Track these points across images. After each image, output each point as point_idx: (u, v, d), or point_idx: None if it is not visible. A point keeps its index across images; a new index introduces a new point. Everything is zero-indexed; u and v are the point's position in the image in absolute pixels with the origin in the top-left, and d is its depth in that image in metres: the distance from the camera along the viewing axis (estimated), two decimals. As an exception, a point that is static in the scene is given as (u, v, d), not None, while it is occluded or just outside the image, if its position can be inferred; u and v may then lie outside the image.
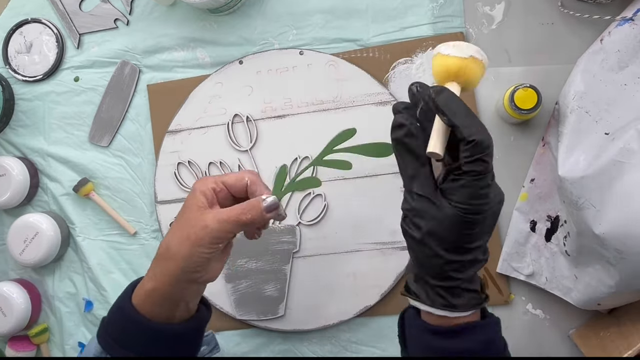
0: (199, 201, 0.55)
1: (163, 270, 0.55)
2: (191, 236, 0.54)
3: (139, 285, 0.56)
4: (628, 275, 0.58)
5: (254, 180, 0.57)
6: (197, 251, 0.54)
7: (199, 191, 0.55)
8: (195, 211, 0.55)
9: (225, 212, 0.55)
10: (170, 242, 0.55)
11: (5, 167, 0.78)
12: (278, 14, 0.77)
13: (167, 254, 0.55)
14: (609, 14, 0.66)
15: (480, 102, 0.73)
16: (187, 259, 0.54)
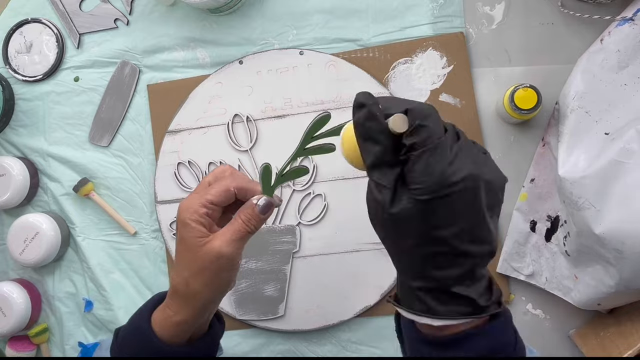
0: (198, 232, 0.52)
1: (189, 305, 0.53)
2: (209, 269, 0.52)
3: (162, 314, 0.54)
4: (628, 275, 0.58)
5: (238, 186, 0.55)
6: (221, 278, 0.53)
7: (193, 222, 0.52)
8: (199, 244, 0.52)
9: (230, 232, 0.53)
10: (189, 279, 0.52)
11: (5, 167, 0.78)
12: (278, 14, 0.77)
13: (189, 291, 0.53)
14: (609, 14, 0.66)
15: (480, 102, 0.73)
16: (211, 296, 0.53)
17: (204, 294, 0.53)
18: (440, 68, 0.73)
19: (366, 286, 0.74)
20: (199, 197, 0.53)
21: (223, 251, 0.52)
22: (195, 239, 0.52)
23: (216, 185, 0.54)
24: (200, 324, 0.56)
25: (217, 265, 0.52)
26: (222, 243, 0.52)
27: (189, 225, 0.52)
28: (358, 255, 0.74)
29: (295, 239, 0.75)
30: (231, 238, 0.52)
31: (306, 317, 0.75)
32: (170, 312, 0.54)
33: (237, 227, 0.53)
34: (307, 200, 0.75)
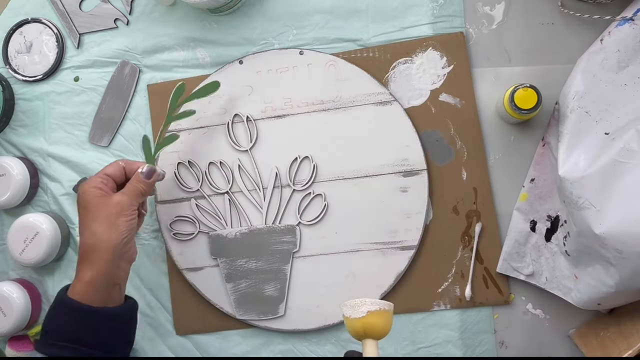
0: (97, 193, 0.65)
1: (97, 259, 0.62)
2: (111, 217, 0.63)
3: (74, 283, 0.63)
4: (628, 275, 0.58)
5: (127, 161, 0.70)
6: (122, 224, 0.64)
7: (92, 188, 0.65)
8: (99, 202, 0.64)
9: (124, 190, 0.67)
10: (96, 229, 0.63)
11: (5, 167, 0.78)
12: (278, 14, 0.77)
13: (96, 244, 0.62)
14: (609, 14, 0.66)
15: (480, 102, 0.73)
16: (116, 238, 0.63)
17: (111, 240, 0.63)
18: (440, 68, 0.73)
19: (366, 286, 0.74)
20: (97, 174, 0.67)
21: (119, 200, 0.65)
22: (96, 198, 0.64)
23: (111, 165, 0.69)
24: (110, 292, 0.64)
25: (117, 209, 0.64)
26: (119, 195, 0.66)
27: (89, 192, 0.65)
28: (358, 255, 0.74)
29: (295, 239, 0.75)
30: (125, 192, 0.66)
31: (306, 317, 0.75)
32: (81, 274, 0.62)
33: (129, 186, 0.67)
34: (307, 200, 0.75)
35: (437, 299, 0.73)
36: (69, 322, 0.62)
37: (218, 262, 0.77)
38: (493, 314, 0.72)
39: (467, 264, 0.72)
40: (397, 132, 0.73)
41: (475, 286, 0.72)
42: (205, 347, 0.78)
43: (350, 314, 0.54)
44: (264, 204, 0.76)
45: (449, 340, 0.72)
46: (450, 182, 0.73)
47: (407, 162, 0.73)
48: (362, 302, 0.54)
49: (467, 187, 0.72)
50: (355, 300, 0.54)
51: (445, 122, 0.73)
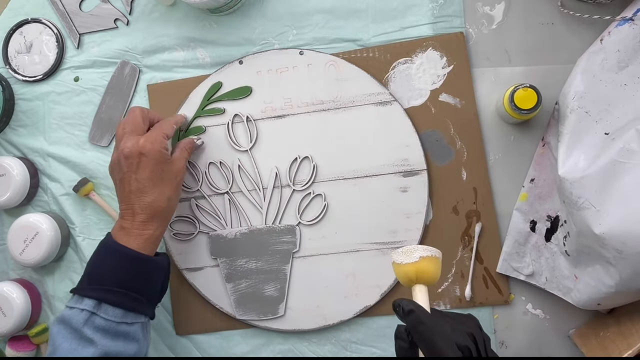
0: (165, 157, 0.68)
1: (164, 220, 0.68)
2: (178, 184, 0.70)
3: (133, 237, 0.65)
4: (628, 275, 0.58)
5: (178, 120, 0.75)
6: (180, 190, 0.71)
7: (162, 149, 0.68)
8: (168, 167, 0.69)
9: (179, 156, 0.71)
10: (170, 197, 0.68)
11: (5, 167, 0.78)
12: (278, 14, 0.77)
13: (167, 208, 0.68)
14: (609, 14, 0.66)
15: (480, 102, 0.73)
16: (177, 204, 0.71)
17: (176, 205, 0.70)
18: (440, 68, 0.73)
19: (366, 286, 0.74)
20: (157, 133, 0.68)
21: (181, 166, 0.70)
22: (166, 162, 0.68)
23: (164, 123, 0.71)
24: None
25: (180, 176, 0.70)
26: (180, 161, 0.70)
27: (162, 154, 0.67)
28: (358, 255, 0.74)
29: (295, 239, 0.75)
30: (181, 159, 0.71)
31: (306, 317, 0.75)
32: (145, 230, 0.66)
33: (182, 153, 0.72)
34: (307, 200, 0.75)
35: (437, 299, 0.73)
36: (126, 269, 0.64)
37: (218, 262, 0.77)
38: (493, 314, 0.72)
39: (467, 264, 0.72)
40: (397, 132, 0.73)
41: (475, 286, 0.72)
42: (205, 347, 0.78)
43: (403, 259, 0.54)
44: (264, 204, 0.76)
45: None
46: (450, 182, 0.73)
47: (407, 162, 0.73)
48: (415, 248, 0.54)
49: (467, 187, 0.72)
50: (406, 247, 0.55)
51: (445, 122, 0.73)
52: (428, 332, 0.49)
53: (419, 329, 0.49)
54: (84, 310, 0.63)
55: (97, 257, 0.66)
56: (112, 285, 0.64)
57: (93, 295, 0.63)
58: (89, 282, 0.65)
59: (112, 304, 0.63)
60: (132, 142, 0.66)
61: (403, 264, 0.54)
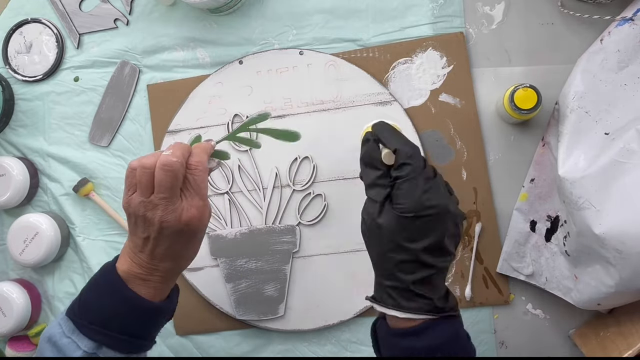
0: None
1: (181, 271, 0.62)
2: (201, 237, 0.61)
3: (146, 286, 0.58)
4: (628, 275, 0.58)
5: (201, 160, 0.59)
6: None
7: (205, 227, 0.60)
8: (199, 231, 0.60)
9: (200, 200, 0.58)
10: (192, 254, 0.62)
11: (5, 167, 0.78)
12: (278, 14, 0.77)
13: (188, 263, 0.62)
14: (609, 14, 0.66)
15: (480, 102, 0.73)
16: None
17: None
18: (440, 68, 0.73)
19: (366, 286, 0.73)
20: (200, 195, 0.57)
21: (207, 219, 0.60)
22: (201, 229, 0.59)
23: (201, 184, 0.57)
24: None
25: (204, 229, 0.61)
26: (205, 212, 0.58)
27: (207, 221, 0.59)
28: (358, 255, 0.74)
29: (295, 239, 0.75)
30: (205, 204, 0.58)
31: (306, 317, 0.75)
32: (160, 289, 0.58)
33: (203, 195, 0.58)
34: (307, 200, 0.75)
35: (437, 299, 0.73)
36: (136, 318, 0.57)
37: (218, 262, 0.77)
38: (493, 314, 0.72)
39: (467, 264, 0.72)
40: (397, 132, 0.73)
41: (475, 286, 0.72)
42: (205, 347, 0.78)
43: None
44: (264, 204, 0.76)
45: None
46: (450, 182, 0.72)
47: (407, 162, 0.73)
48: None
49: (467, 187, 0.72)
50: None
51: (445, 122, 0.73)
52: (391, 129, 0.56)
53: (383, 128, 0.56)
54: (81, 349, 0.56)
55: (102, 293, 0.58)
56: (116, 331, 0.57)
57: (95, 337, 0.56)
58: (90, 319, 0.57)
59: (114, 349, 0.57)
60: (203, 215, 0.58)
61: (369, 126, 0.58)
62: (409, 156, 0.52)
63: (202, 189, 0.57)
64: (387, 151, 0.54)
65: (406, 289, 0.51)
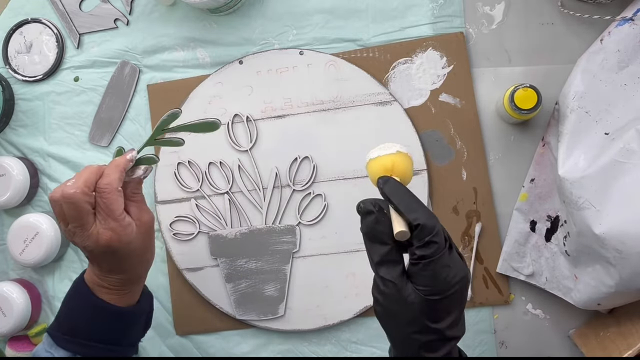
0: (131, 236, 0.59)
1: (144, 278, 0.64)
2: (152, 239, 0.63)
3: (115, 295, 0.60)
4: (628, 275, 0.58)
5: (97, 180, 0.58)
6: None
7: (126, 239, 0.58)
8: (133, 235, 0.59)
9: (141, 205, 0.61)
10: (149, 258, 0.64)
11: (5, 167, 0.78)
12: (278, 14, 0.77)
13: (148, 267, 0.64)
14: (609, 14, 0.66)
15: (480, 102, 0.73)
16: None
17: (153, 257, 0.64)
18: (440, 68, 0.73)
19: (366, 286, 0.73)
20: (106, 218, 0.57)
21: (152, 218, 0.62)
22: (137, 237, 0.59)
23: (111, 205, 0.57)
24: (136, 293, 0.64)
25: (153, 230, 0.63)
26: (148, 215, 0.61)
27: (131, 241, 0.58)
28: (358, 255, 0.74)
29: (295, 239, 0.75)
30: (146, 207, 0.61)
31: (306, 317, 0.75)
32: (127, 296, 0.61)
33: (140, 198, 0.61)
34: (307, 200, 0.75)
35: (437, 299, 0.73)
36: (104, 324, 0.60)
37: (218, 262, 0.77)
38: (493, 314, 0.72)
39: (467, 264, 0.72)
40: (397, 132, 0.73)
41: (475, 286, 0.72)
42: (205, 347, 0.78)
43: (381, 153, 0.53)
44: (264, 204, 0.76)
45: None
46: (450, 182, 0.73)
47: (407, 162, 0.73)
48: (393, 144, 0.54)
49: (467, 187, 0.72)
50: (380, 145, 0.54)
51: (445, 122, 0.73)
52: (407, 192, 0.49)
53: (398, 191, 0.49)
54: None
55: (71, 303, 0.61)
56: (87, 339, 0.59)
57: (68, 347, 0.59)
58: (64, 330, 0.60)
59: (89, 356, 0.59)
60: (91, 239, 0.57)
61: (381, 156, 0.53)
62: (435, 232, 0.47)
63: (113, 210, 0.56)
64: (403, 230, 0.47)
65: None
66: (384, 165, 0.53)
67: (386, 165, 0.53)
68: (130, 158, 0.59)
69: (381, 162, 0.53)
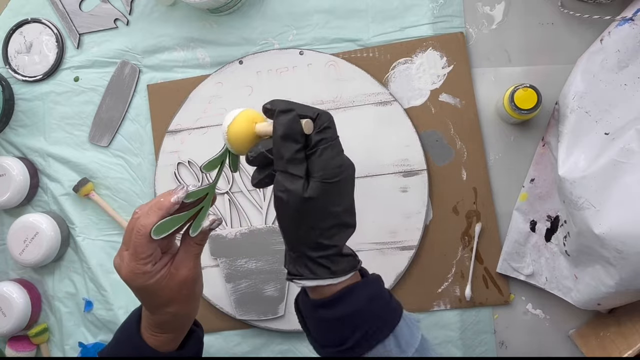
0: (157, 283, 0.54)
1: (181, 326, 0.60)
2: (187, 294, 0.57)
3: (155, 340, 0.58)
4: (628, 275, 0.58)
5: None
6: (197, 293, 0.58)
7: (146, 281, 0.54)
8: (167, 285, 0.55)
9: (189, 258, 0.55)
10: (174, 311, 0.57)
11: (5, 167, 0.78)
12: (278, 14, 0.77)
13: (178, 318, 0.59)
14: (609, 14, 0.66)
15: (480, 102, 0.73)
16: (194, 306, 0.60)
17: (190, 311, 0.59)
18: (440, 68, 0.73)
19: (366, 286, 0.73)
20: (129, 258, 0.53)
21: (190, 276, 0.55)
22: (159, 286, 0.54)
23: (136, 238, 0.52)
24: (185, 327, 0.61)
25: (192, 287, 0.56)
26: (187, 271, 0.55)
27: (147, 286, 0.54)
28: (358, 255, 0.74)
29: (295, 239, 0.75)
30: (193, 263, 0.55)
31: (306, 317, 0.75)
32: (163, 338, 0.58)
33: (193, 250, 0.55)
34: (307, 200, 0.75)
35: (437, 299, 0.73)
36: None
37: (218, 262, 0.77)
38: (493, 314, 0.72)
39: (467, 264, 0.72)
40: (397, 132, 0.73)
41: (475, 286, 0.72)
42: (205, 347, 0.78)
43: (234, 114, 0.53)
44: (264, 204, 0.76)
45: (449, 341, 0.72)
46: (450, 182, 0.73)
47: (407, 162, 0.73)
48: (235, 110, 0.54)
49: (467, 187, 0.72)
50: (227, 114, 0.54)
51: (445, 122, 0.73)
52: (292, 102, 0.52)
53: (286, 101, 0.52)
54: None
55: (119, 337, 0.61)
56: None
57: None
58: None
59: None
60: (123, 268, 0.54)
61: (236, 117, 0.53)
62: (330, 120, 0.51)
63: (138, 253, 0.52)
64: (306, 120, 0.50)
65: (334, 254, 0.51)
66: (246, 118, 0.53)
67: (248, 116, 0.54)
68: (175, 201, 0.53)
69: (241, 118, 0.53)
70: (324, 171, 0.49)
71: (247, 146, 0.53)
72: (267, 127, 0.52)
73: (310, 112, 0.51)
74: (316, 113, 0.50)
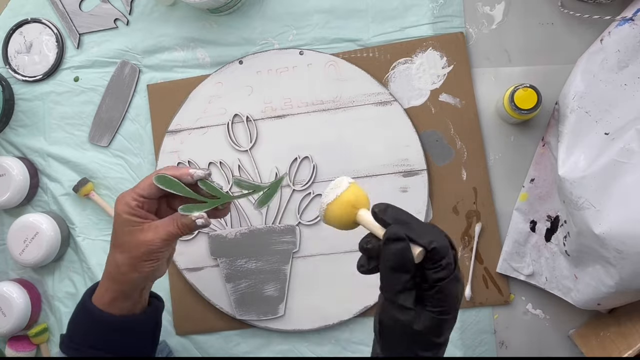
0: (130, 223, 0.59)
1: (118, 284, 0.61)
2: (139, 257, 0.59)
3: (98, 296, 0.62)
4: (628, 275, 0.58)
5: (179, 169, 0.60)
6: (146, 267, 0.60)
7: (125, 214, 0.59)
8: (131, 233, 0.59)
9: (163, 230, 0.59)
10: (120, 266, 0.60)
11: (5, 167, 0.78)
12: (278, 14, 0.77)
13: (119, 273, 0.60)
14: (609, 14, 0.66)
15: (480, 102, 0.73)
16: (137, 277, 0.60)
17: (132, 277, 0.60)
18: (440, 68, 0.73)
19: (366, 286, 0.73)
20: (132, 190, 0.60)
21: (153, 245, 0.59)
22: (128, 228, 0.59)
23: (145, 179, 0.60)
24: (135, 302, 0.62)
25: (147, 255, 0.59)
26: (153, 238, 0.59)
27: (121, 217, 0.59)
28: (358, 255, 0.73)
29: (295, 239, 0.75)
30: (162, 237, 0.59)
31: (306, 317, 0.75)
32: (102, 290, 0.61)
33: (171, 229, 0.59)
34: (307, 200, 0.75)
35: (437, 299, 0.73)
36: (92, 330, 0.61)
37: (218, 262, 0.77)
38: (493, 314, 0.72)
39: (467, 264, 0.72)
40: (397, 132, 0.73)
41: (475, 286, 0.72)
42: (205, 347, 0.78)
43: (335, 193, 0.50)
44: (264, 204, 0.76)
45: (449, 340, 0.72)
46: (450, 182, 0.73)
47: (407, 162, 0.73)
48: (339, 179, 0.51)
49: (467, 187, 0.72)
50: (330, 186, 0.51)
51: (445, 122, 0.73)
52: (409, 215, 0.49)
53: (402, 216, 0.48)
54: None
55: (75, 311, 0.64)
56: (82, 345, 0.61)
57: (67, 352, 0.62)
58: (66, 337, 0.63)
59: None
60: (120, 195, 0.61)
61: (339, 196, 0.50)
62: (447, 253, 0.47)
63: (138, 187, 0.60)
64: (420, 250, 0.46)
65: None
66: (348, 203, 0.50)
67: (351, 201, 0.50)
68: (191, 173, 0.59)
69: (343, 202, 0.50)
70: (441, 308, 0.47)
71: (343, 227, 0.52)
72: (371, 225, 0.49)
73: (424, 240, 0.46)
74: (431, 244, 0.46)
